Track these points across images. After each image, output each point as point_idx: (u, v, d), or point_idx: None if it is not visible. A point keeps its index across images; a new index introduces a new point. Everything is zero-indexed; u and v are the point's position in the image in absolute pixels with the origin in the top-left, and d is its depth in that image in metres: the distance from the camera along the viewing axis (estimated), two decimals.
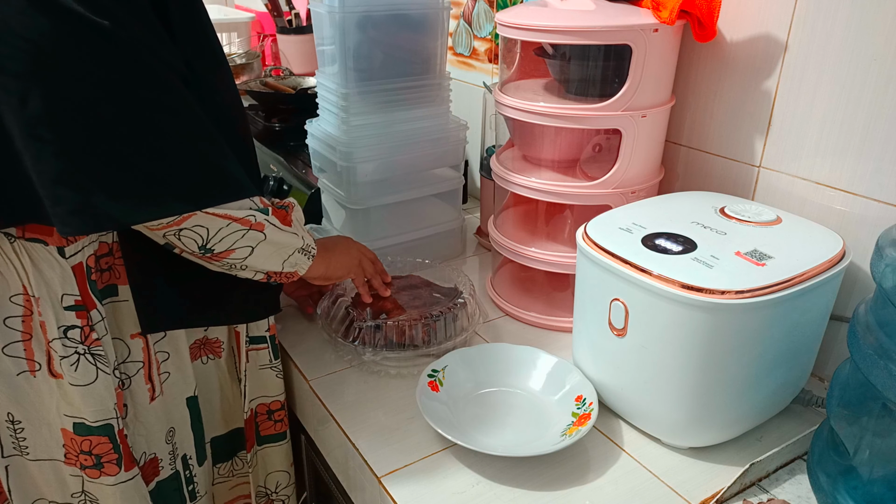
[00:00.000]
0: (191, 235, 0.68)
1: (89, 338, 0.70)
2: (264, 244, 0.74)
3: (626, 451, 0.79)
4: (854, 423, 0.66)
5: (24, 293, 0.68)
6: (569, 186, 0.95)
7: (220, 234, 0.69)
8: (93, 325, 0.71)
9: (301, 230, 0.80)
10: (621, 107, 0.89)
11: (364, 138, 1.06)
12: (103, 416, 0.73)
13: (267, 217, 0.73)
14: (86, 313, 0.70)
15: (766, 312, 0.69)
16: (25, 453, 0.76)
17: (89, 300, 0.70)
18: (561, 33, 0.87)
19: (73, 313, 0.69)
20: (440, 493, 0.73)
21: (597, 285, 0.79)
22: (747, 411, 0.77)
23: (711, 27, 0.89)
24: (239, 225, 0.70)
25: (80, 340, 0.70)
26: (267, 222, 0.73)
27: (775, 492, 0.73)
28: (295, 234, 0.78)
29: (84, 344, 0.70)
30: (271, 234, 0.74)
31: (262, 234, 0.73)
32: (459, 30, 1.47)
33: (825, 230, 0.80)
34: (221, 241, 0.70)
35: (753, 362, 0.72)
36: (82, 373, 0.71)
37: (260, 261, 0.75)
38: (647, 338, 0.74)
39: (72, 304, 0.69)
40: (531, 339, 0.99)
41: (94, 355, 0.71)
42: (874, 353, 0.58)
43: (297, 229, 0.79)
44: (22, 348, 0.70)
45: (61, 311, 0.69)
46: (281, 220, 0.76)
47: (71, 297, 0.69)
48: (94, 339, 0.71)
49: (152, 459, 0.83)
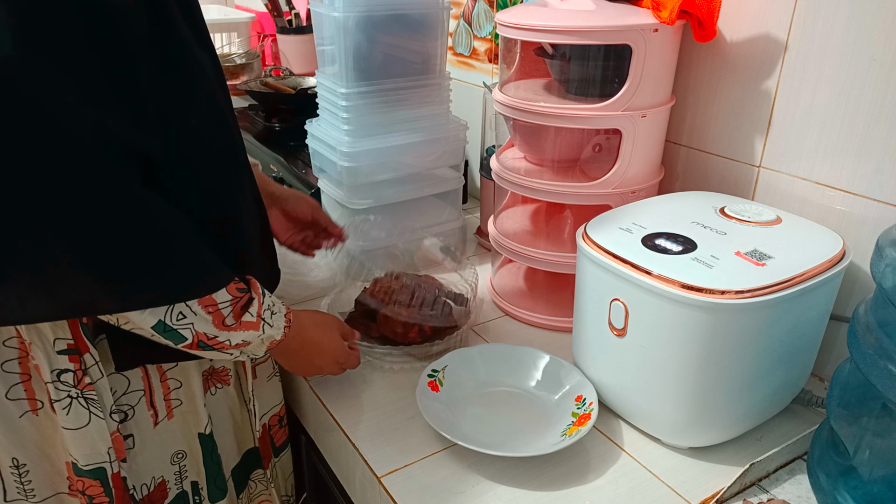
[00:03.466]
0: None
1: (82, 382, 0.69)
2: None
3: (626, 451, 0.79)
4: (854, 422, 0.66)
5: (17, 335, 0.67)
6: (569, 186, 0.95)
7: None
8: (86, 369, 0.69)
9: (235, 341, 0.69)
10: (621, 107, 0.89)
11: (364, 138, 1.06)
12: (94, 460, 0.71)
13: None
14: (79, 357, 0.68)
15: (766, 312, 0.69)
16: (31, 496, 0.74)
17: (82, 343, 0.68)
18: (561, 33, 0.87)
19: (66, 357, 0.68)
20: (440, 493, 0.73)
21: (597, 285, 0.79)
22: (747, 411, 0.77)
23: (711, 27, 0.89)
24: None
25: (73, 384, 0.68)
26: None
27: (775, 492, 0.73)
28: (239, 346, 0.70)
29: (77, 388, 0.68)
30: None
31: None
32: (459, 30, 1.47)
33: (825, 230, 0.80)
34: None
35: (753, 362, 0.72)
36: (74, 417, 0.69)
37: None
38: (646, 338, 0.74)
39: (64, 347, 0.67)
40: (531, 339, 0.99)
41: (87, 399, 0.69)
42: (874, 353, 0.58)
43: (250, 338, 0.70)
44: (22, 389, 0.68)
45: (54, 354, 0.67)
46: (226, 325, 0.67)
47: (63, 340, 0.67)
48: (86, 384, 0.69)
49: (160, 483, 0.81)
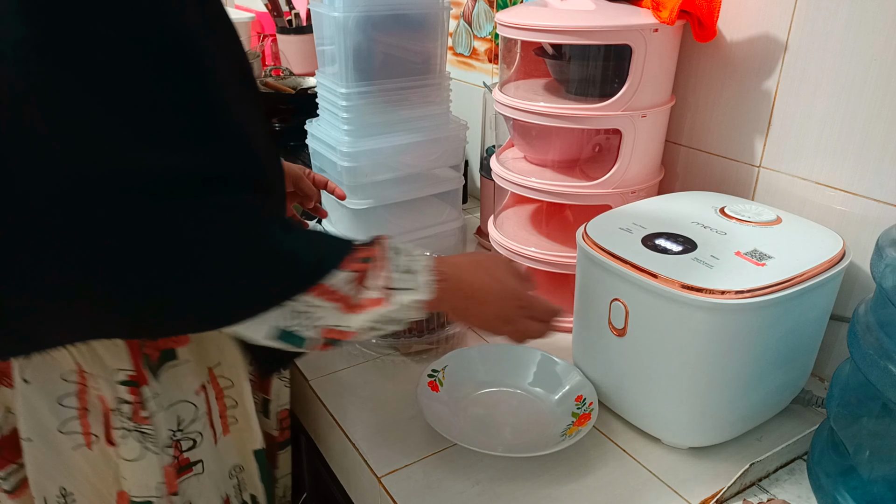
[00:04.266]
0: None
1: (137, 415, 0.67)
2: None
3: (626, 452, 0.79)
4: (854, 422, 0.66)
5: (77, 369, 0.64)
6: (569, 186, 0.95)
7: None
8: (143, 402, 0.67)
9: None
10: (621, 107, 0.88)
11: (364, 138, 1.06)
12: (144, 494, 0.69)
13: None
14: (137, 389, 0.66)
15: (766, 312, 0.69)
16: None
17: (141, 376, 0.66)
18: (561, 33, 0.87)
19: (126, 388, 0.66)
20: (440, 493, 0.73)
21: (596, 285, 0.79)
22: (747, 411, 0.77)
23: (711, 27, 0.89)
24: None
25: (129, 416, 0.66)
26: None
27: (775, 492, 0.73)
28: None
29: (132, 421, 0.67)
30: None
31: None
32: (459, 30, 1.47)
33: (825, 230, 0.80)
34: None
35: (753, 362, 0.72)
36: (128, 449, 0.67)
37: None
38: (647, 338, 0.74)
39: (125, 378, 0.65)
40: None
41: (143, 433, 0.67)
42: (874, 353, 0.58)
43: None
44: (78, 423, 0.66)
45: (115, 385, 0.65)
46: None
47: (124, 371, 0.65)
48: (142, 417, 0.67)
49: (225, 501, 0.79)
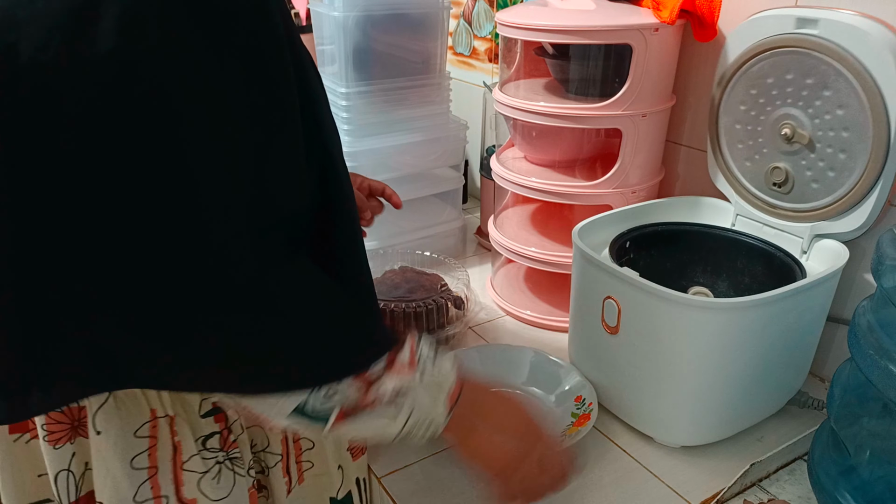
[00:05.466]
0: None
1: (227, 441, 0.63)
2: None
3: (626, 452, 0.79)
4: (855, 423, 0.66)
5: (151, 419, 0.59)
6: (569, 186, 0.95)
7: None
8: (230, 426, 0.63)
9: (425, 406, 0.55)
10: (621, 107, 0.88)
11: (364, 138, 1.06)
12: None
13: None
14: (224, 415, 0.62)
15: (762, 312, 0.69)
16: None
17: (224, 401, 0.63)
18: (561, 33, 0.87)
19: (212, 418, 0.61)
20: (440, 493, 0.72)
21: (590, 284, 0.79)
22: (741, 411, 0.77)
23: (712, 27, 0.89)
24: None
25: (220, 447, 0.62)
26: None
27: (776, 492, 0.73)
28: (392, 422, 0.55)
29: (223, 450, 0.63)
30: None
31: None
32: (459, 29, 1.46)
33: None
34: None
35: (748, 362, 0.72)
36: (224, 484, 0.63)
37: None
38: (639, 336, 0.74)
39: (209, 409, 0.61)
40: (531, 339, 0.99)
41: (232, 459, 0.64)
42: (875, 354, 0.58)
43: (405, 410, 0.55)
44: (149, 487, 0.61)
45: (198, 420, 0.61)
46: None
47: (208, 401, 0.61)
48: (231, 442, 0.63)
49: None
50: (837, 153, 0.76)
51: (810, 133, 0.78)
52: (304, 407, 0.51)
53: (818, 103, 0.76)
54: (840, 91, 0.74)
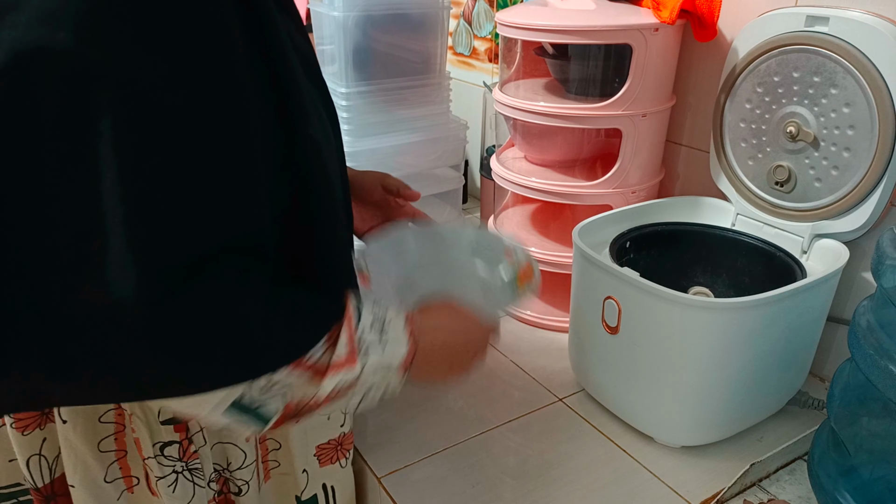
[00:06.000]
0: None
1: (187, 452, 0.61)
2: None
3: (626, 452, 0.79)
4: (855, 423, 0.66)
5: (115, 408, 0.59)
6: (569, 186, 0.95)
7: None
8: (191, 437, 0.61)
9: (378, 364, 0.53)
10: (621, 107, 0.88)
11: (364, 138, 1.06)
12: None
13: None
14: (184, 426, 0.61)
15: (762, 312, 0.69)
16: None
17: None
18: (561, 33, 0.87)
19: (171, 427, 0.60)
20: (440, 493, 0.73)
21: (590, 283, 0.79)
22: (741, 411, 0.77)
23: (712, 27, 0.89)
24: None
25: (178, 457, 0.61)
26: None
27: (776, 492, 0.72)
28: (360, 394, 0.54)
29: (182, 460, 0.61)
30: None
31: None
32: (459, 29, 1.46)
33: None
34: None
35: (748, 362, 0.72)
36: (181, 494, 0.62)
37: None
38: (639, 336, 0.74)
39: (169, 416, 0.59)
40: (531, 339, 0.99)
41: (192, 470, 0.62)
42: (875, 354, 0.58)
43: (364, 380, 0.53)
44: (118, 468, 0.61)
45: (157, 426, 0.59)
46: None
47: (167, 409, 0.60)
48: (192, 453, 0.62)
49: None
50: (842, 151, 0.76)
51: (815, 131, 0.78)
52: (240, 401, 0.48)
53: (824, 101, 0.76)
54: (847, 89, 0.74)
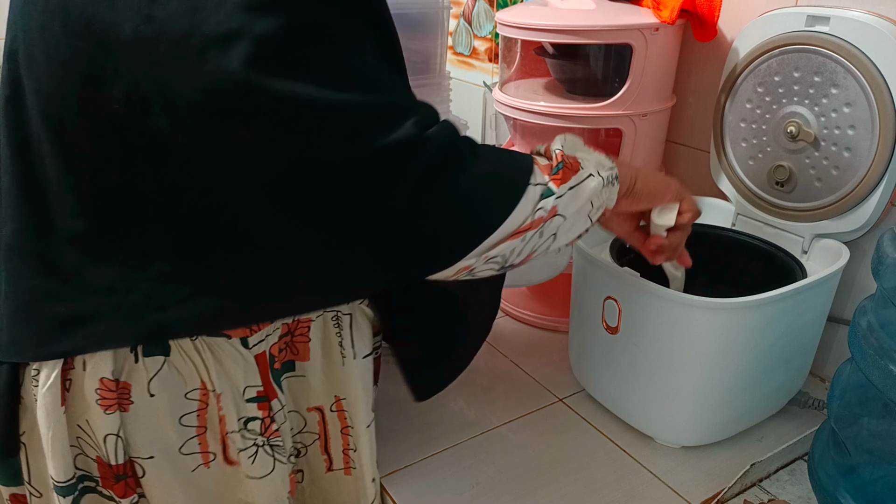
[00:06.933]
0: (486, 268, 0.59)
1: (269, 429, 0.65)
2: (566, 223, 0.60)
3: (627, 452, 0.79)
4: (855, 423, 0.66)
5: (201, 387, 0.62)
6: None
7: (516, 251, 0.59)
8: (273, 416, 0.65)
9: (590, 158, 0.63)
10: (622, 106, 0.88)
11: None
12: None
13: (556, 196, 0.58)
14: (267, 404, 0.65)
15: (762, 312, 0.69)
16: None
17: (271, 390, 0.65)
18: (561, 33, 0.87)
19: (255, 405, 0.64)
20: (440, 493, 0.73)
21: (591, 283, 0.79)
22: (742, 411, 0.77)
23: (712, 27, 0.89)
24: (532, 231, 0.58)
25: (260, 432, 0.64)
26: (559, 201, 0.58)
27: (776, 492, 0.72)
28: (590, 176, 0.61)
29: (263, 435, 0.65)
30: (567, 209, 0.59)
31: (559, 218, 0.59)
32: (459, 29, 1.46)
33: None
34: (521, 254, 0.59)
35: (749, 362, 0.72)
36: (260, 465, 0.65)
37: (566, 237, 0.62)
38: (639, 336, 0.74)
39: (254, 395, 0.63)
40: (531, 339, 0.99)
41: (273, 446, 0.65)
42: (875, 354, 0.58)
43: (588, 164, 0.62)
44: (197, 443, 0.64)
45: (243, 403, 0.63)
46: (564, 178, 0.59)
47: (253, 388, 0.63)
48: (273, 430, 0.65)
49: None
50: (842, 151, 0.76)
51: (816, 131, 0.78)
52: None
53: (825, 101, 0.77)
54: (848, 88, 0.74)
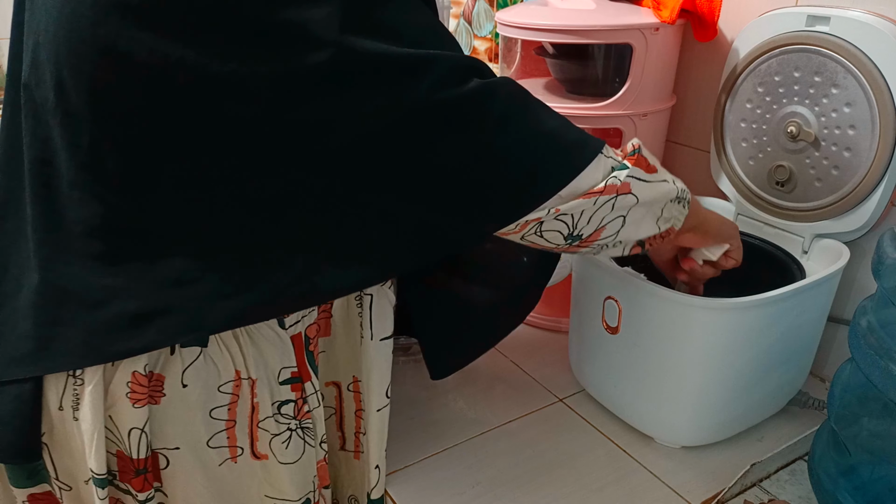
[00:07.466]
0: (554, 228, 0.58)
1: (301, 411, 0.65)
2: (636, 208, 0.60)
3: (627, 452, 0.79)
4: (855, 423, 0.65)
5: (235, 379, 0.61)
6: None
7: (586, 214, 0.58)
8: (306, 398, 0.65)
9: (667, 173, 0.64)
10: (622, 106, 0.88)
11: None
12: (305, 491, 0.67)
13: (629, 172, 0.59)
14: (300, 385, 0.65)
15: (763, 312, 0.69)
16: None
17: (305, 371, 0.65)
18: (561, 32, 0.87)
19: (289, 387, 0.64)
20: (440, 493, 0.73)
21: (591, 283, 0.79)
22: (742, 411, 0.77)
23: (712, 26, 0.88)
24: (605, 197, 0.58)
25: (293, 415, 0.65)
26: (632, 179, 0.59)
27: (776, 492, 0.72)
28: (664, 181, 0.62)
29: (296, 419, 0.65)
30: (641, 192, 0.59)
31: (632, 197, 0.59)
32: (459, 29, 1.46)
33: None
34: (589, 222, 0.59)
35: (749, 362, 0.72)
36: (293, 450, 0.65)
37: (634, 229, 0.61)
38: (640, 336, 0.74)
39: (288, 377, 0.63)
40: (531, 339, 0.99)
41: (304, 429, 0.66)
42: (875, 354, 0.58)
43: (664, 173, 0.63)
44: (225, 437, 0.64)
45: (277, 386, 0.63)
46: (644, 168, 0.60)
47: (288, 369, 0.63)
48: (305, 412, 0.66)
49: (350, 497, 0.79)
50: (842, 151, 0.76)
51: (816, 131, 0.78)
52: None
53: (825, 101, 0.77)
54: (848, 88, 0.74)
